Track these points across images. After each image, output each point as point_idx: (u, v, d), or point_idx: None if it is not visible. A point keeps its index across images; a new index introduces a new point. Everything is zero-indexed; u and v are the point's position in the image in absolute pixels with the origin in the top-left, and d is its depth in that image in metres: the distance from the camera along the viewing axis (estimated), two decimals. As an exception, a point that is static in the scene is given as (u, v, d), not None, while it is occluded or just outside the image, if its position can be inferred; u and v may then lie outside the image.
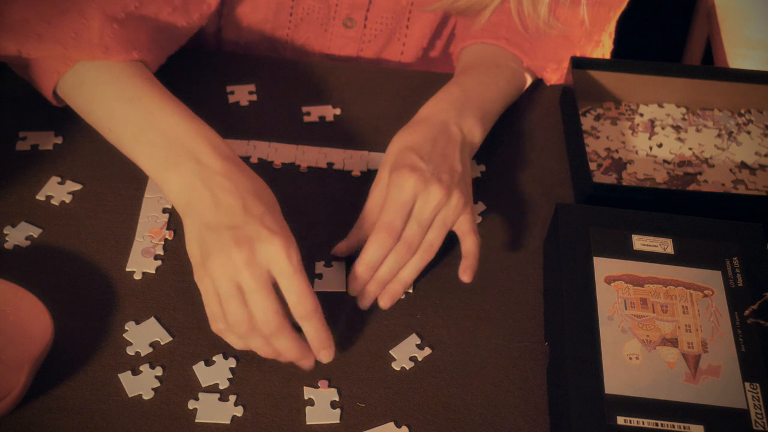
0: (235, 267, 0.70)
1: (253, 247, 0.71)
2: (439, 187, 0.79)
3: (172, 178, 0.76)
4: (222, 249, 0.71)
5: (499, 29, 0.97)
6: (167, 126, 0.78)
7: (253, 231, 0.72)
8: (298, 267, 0.72)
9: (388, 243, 0.79)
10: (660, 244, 0.79)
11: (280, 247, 0.71)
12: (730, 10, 1.53)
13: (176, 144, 0.77)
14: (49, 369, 0.72)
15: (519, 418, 0.74)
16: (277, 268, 0.71)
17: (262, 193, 0.76)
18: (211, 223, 0.73)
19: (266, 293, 0.71)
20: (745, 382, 0.70)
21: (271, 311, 0.71)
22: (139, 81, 0.81)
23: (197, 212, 0.74)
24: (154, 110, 0.79)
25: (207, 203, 0.74)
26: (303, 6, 1.03)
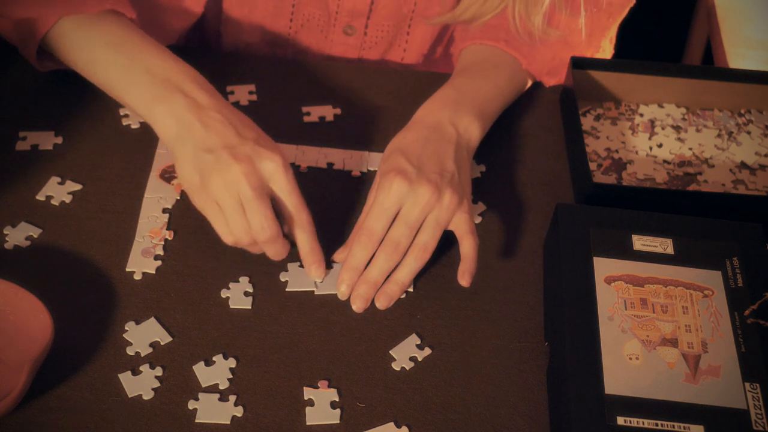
0: (236, 180, 0.75)
1: (253, 163, 0.76)
2: (428, 188, 0.79)
3: (162, 111, 0.79)
4: (221, 166, 0.75)
5: (498, 32, 0.97)
6: (152, 65, 0.81)
7: (250, 150, 0.76)
8: (295, 183, 0.78)
9: (370, 246, 0.80)
10: (660, 244, 0.79)
11: (279, 163, 0.76)
12: (730, 10, 1.53)
13: (163, 80, 0.80)
14: (49, 369, 0.72)
15: (519, 418, 0.74)
16: (277, 183, 0.77)
17: (252, 124, 0.80)
18: (207, 145, 0.76)
19: (263, 202, 0.76)
20: (745, 382, 0.70)
21: (268, 218, 0.76)
22: (119, 28, 0.84)
23: (189, 140, 0.77)
24: (137, 52, 0.82)
25: (199, 131, 0.77)
26: (303, 13, 1.03)
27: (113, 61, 0.82)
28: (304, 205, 0.79)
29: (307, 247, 0.79)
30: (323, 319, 0.79)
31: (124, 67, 0.81)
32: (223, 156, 0.76)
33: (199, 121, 0.78)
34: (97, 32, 0.83)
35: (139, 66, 0.81)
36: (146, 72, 0.80)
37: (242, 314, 0.78)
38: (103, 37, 0.83)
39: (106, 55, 0.83)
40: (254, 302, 0.79)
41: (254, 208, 0.76)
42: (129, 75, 0.81)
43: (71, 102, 0.88)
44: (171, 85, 0.79)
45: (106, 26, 0.84)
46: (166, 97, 0.79)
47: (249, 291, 0.80)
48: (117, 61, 0.82)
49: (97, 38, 0.83)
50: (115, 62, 0.82)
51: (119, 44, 0.82)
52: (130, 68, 0.81)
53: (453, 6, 0.98)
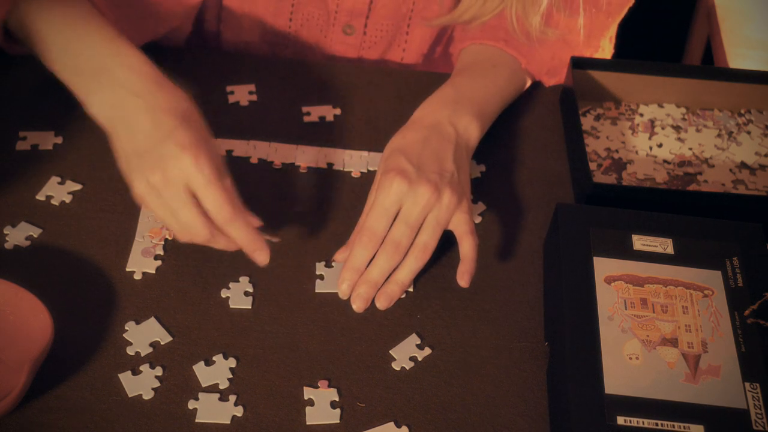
0: (157, 188, 0.75)
1: (165, 167, 0.74)
2: (427, 187, 0.79)
3: (95, 102, 0.79)
4: (140, 174, 0.75)
5: (497, 31, 0.97)
6: (90, 49, 0.80)
7: (164, 150, 0.75)
8: (211, 177, 0.74)
9: (371, 246, 0.79)
10: (660, 244, 0.79)
11: (189, 161, 0.74)
12: (730, 10, 1.53)
13: (97, 67, 0.79)
14: (49, 369, 0.72)
15: (519, 418, 0.74)
16: (192, 182, 0.74)
17: (177, 106, 0.78)
18: (130, 147, 0.77)
19: (187, 208, 0.75)
20: (745, 382, 0.70)
21: (195, 224, 0.75)
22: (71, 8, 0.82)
23: (117, 136, 0.78)
24: (80, 34, 0.81)
25: (123, 128, 0.77)
26: (302, 12, 1.03)
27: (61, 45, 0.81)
28: (224, 196, 0.75)
29: (241, 238, 0.77)
30: (323, 319, 0.79)
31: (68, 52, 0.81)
32: (144, 161, 0.75)
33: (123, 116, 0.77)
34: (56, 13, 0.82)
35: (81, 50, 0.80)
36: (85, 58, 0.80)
37: (242, 314, 0.78)
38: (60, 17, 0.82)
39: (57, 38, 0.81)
40: (254, 302, 0.79)
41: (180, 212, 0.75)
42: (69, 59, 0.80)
43: (71, 102, 0.88)
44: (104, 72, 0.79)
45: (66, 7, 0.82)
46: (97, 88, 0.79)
47: (249, 291, 0.80)
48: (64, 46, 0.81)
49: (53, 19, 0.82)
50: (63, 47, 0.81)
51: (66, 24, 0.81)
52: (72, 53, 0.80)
53: (452, 5, 0.98)
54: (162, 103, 0.77)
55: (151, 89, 0.78)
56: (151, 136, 0.76)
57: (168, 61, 0.94)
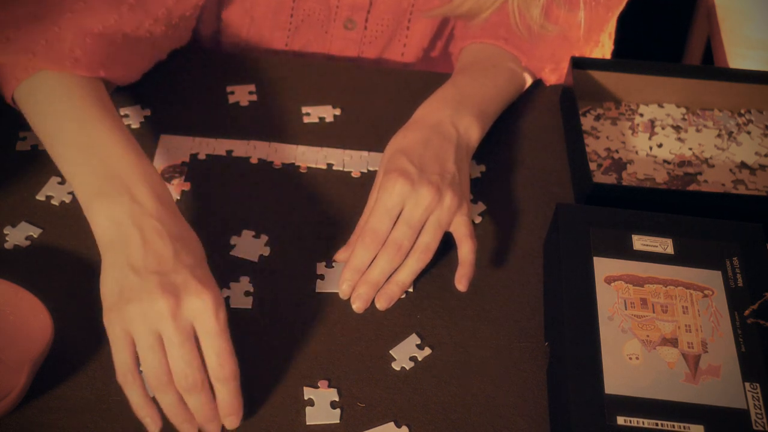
0: (159, 316, 0.66)
1: (180, 298, 0.67)
2: (429, 189, 0.79)
3: (102, 210, 0.71)
4: (145, 295, 0.66)
5: (498, 29, 0.97)
6: (109, 155, 0.74)
7: (181, 280, 0.68)
8: (224, 327, 0.68)
9: (373, 247, 0.79)
10: (660, 244, 0.79)
11: (209, 303, 0.67)
12: (730, 10, 1.52)
13: (113, 176, 0.72)
14: (49, 369, 0.72)
15: (519, 418, 0.74)
16: (203, 326, 0.67)
17: (193, 244, 0.72)
18: (137, 265, 0.68)
19: (190, 346, 0.67)
20: (745, 382, 0.70)
21: (194, 366, 0.67)
22: (92, 102, 0.78)
23: (122, 251, 0.69)
24: (99, 136, 0.75)
25: (135, 243, 0.69)
26: (303, 8, 1.03)
27: (72, 140, 0.76)
28: (231, 353, 0.68)
29: (227, 399, 0.69)
30: (323, 319, 0.79)
31: (80, 149, 0.75)
32: (150, 283, 0.67)
33: (138, 231, 0.69)
34: (68, 102, 0.78)
35: (95, 152, 0.74)
36: (100, 161, 0.73)
37: (242, 314, 0.78)
38: (71, 110, 0.77)
39: (68, 131, 0.76)
40: (254, 302, 0.79)
41: (178, 352, 0.66)
42: (82, 159, 0.74)
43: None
44: (120, 183, 0.72)
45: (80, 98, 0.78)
46: (111, 195, 0.71)
47: (249, 291, 0.80)
48: (75, 141, 0.75)
49: (65, 109, 0.78)
50: (73, 141, 0.76)
51: (85, 122, 0.76)
52: (85, 152, 0.75)
53: None
54: (182, 236, 0.71)
55: (170, 216, 0.72)
56: (167, 263, 0.68)
57: (168, 62, 0.95)
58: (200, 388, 0.67)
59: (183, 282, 0.67)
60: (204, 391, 0.68)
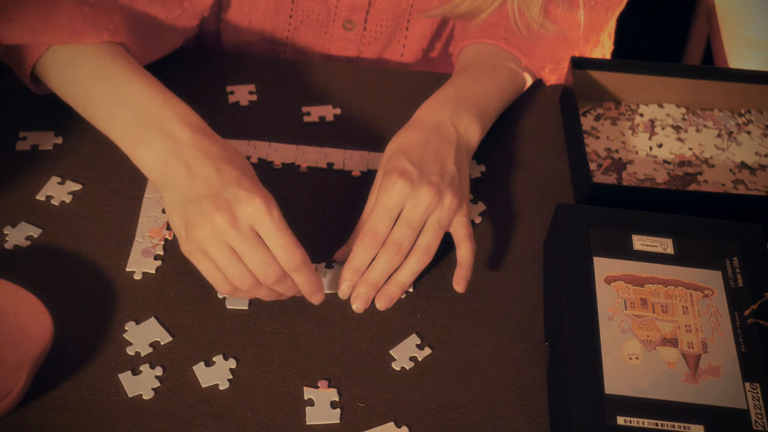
0: (221, 231, 0.72)
1: (233, 210, 0.73)
2: (429, 189, 0.79)
3: (146, 154, 0.77)
4: (204, 217, 0.73)
5: (497, 29, 0.97)
6: (138, 101, 0.79)
7: (230, 194, 0.73)
8: (281, 223, 0.74)
9: (372, 247, 0.79)
10: (660, 244, 0.79)
11: (260, 205, 0.73)
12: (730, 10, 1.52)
13: (147, 119, 0.78)
14: (49, 369, 0.72)
15: (519, 418, 0.74)
16: (261, 226, 0.73)
17: (234, 158, 0.77)
18: (189, 194, 0.74)
19: (258, 247, 0.73)
20: (745, 382, 0.70)
21: (268, 263, 0.73)
22: (111, 59, 0.82)
23: (174, 185, 0.75)
24: (125, 87, 0.80)
25: (182, 176, 0.75)
26: (302, 8, 1.03)
27: (100, 96, 0.80)
28: (294, 242, 0.74)
29: (305, 284, 0.76)
30: (323, 319, 0.79)
31: (110, 102, 0.80)
32: (205, 205, 0.73)
33: (183, 163, 0.75)
34: (88, 65, 0.82)
35: (124, 102, 0.79)
36: (131, 109, 0.78)
37: (242, 314, 0.78)
38: (93, 71, 0.81)
39: (94, 90, 0.81)
40: (251, 303, 0.79)
41: (250, 253, 0.73)
42: (114, 111, 0.79)
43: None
44: (154, 124, 0.77)
45: (98, 59, 0.82)
46: (149, 139, 0.77)
47: (249, 291, 0.80)
48: (104, 97, 0.80)
49: (86, 72, 0.81)
50: (101, 98, 0.80)
51: (108, 78, 0.81)
52: (115, 104, 0.79)
53: None
54: (221, 154, 0.76)
55: (206, 142, 0.77)
56: (214, 183, 0.74)
57: (168, 62, 0.95)
58: (282, 278, 0.75)
59: (232, 195, 0.73)
60: (287, 280, 0.75)
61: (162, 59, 0.95)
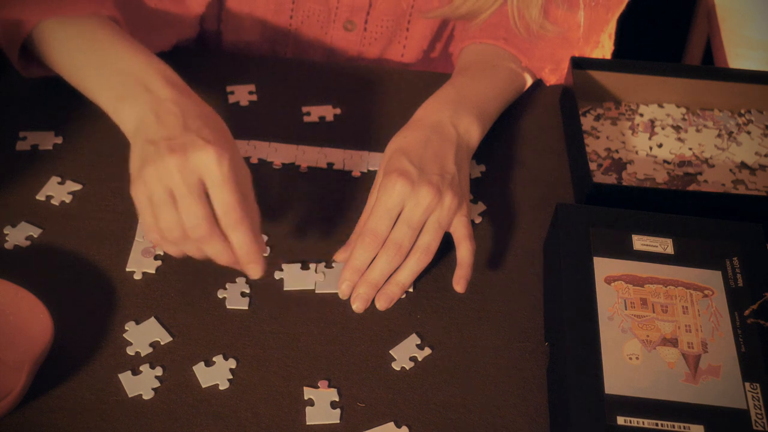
0: (168, 172, 0.72)
1: (186, 154, 0.72)
2: (429, 189, 0.79)
3: (126, 109, 0.77)
4: (157, 157, 0.72)
5: (497, 30, 0.97)
6: (120, 62, 0.80)
7: (188, 140, 0.73)
8: (229, 177, 0.72)
9: (373, 247, 0.79)
10: (660, 244, 0.79)
11: (212, 155, 0.72)
12: (730, 10, 1.52)
13: (129, 78, 0.78)
14: (49, 369, 0.72)
15: (519, 418, 0.74)
16: (208, 176, 0.72)
17: (207, 115, 0.77)
18: (152, 137, 0.74)
19: (196, 198, 0.72)
20: (745, 382, 0.70)
21: (200, 217, 0.72)
22: (98, 27, 0.83)
23: (142, 132, 0.75)
24: (109, 51, 0.81)
25: (152, 124, 0.75)
26: (303, 8, 1.03)
27: (86, 61, 0.82)
28: (236, 200, 0.73)
29: (239, 245, 0.74)
30: (323, 319, 0.79)
31: (96, 67, 0.81)
32: (161, 147, 0.73)
33: (155, 115, 0.75)
34: (76, 34, 0.83)
35: (108, 64, 0.80)
36: (117, 72, 0.79)
37: (242, 314, 0.78)
38: (80, 39, 0.83)
39: (80, 56, 0.82)
40: (251, 303, 0.79)
41: (186, 203, 0.72)
42: (100, 75, 0.80)
43: (71, 102, 0.88)
44: (138, 83, 0.78)
45: (85, 27, 0.83)
46: (131, 96, 0.77)
47: (246, 291, 0.80)
48: (90, 61, 0.81)
49: (74, 40, 0.83)
50: (88, 62, 0.81)
51: (93, 42, 0.82)
52: (101, 68, 0.80)
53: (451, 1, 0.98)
54: (195, 110, 0.76)
55: (185, 99, 0.77)
56: (177, 130, 0.74)
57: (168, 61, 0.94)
58: (209, 237, 0.72)
59: (190, 141, 0.73)
60: (216, 241, 0.73)
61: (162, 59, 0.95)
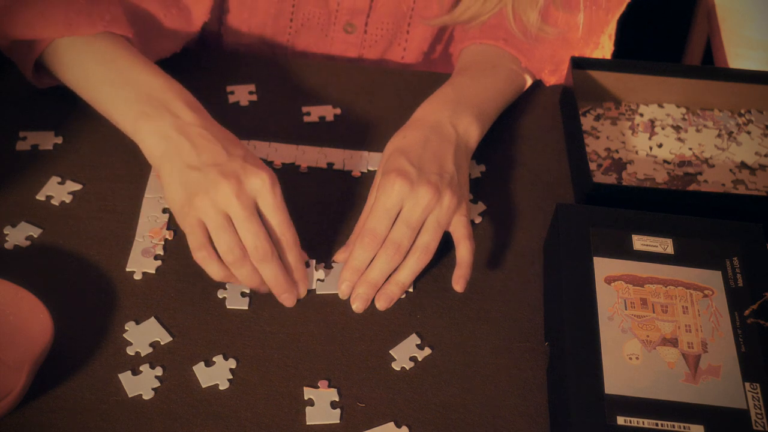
0: (225, 198, 0.74)
1: (240, 180, 0.75)
2: (428, 189, 0.79)
3: (149, 129, 0.78)
4: (210, 184, 0.74)
5: (497, 30, 0.97)
6: (140, 82, 0.81)
7: (238, 167, 0.75)
8: (281, 202, 0.76)
9: (372, 247, 0.79)
10: (660, 244, 0.79)
11: (266, 180, 0.75)
12: (730, 10, 1.52)
13: (150, 98, 0.79)
14: (49, 369, 0.72)
15: (519, 418, 0.74)
16: (263, 201, 0.76)
17: (237, 142, 0.80)
18: (194, 163, 0.76)
19: (256, 220, 0.75)
20: (745, 382, 0.70)
21: (262, 237, 0.75)
22: (112, 46, 0.84)
23: (177, 157, 0.76)
24: (127, 68, 0.82)
25: (187, 148, 0.76)
26: (303, 11, 1.03)
27: (102, 78, 0.82)
28: (290, 224, 0.77)
29: (294, 265, 0.78)
30: (323, 319, 0.79)
31: (113, 83, 0.81)
32: (211, 173, 0.75)
33: (187, 139, 0.77)
34: (90, 51, 0.83)
35: (127, 83, 0.81)
36: (134, 89, 0.80)
37: (242, 314, 0.78)
38: (94, 55, 0.83)
39: (97, 72, 0.83)
40: (251, 303, 0.79)
41: (247, 226, 0.75)
42: (117, 91, 0.81)
43: (71, 102, 0.88)
44: (158, 102, 0.79)
45: (100, 45, 0.84)
46: (153, 115, 0.78)
47: (246, 291, 0.80)
48: (106, 78, 0.82)
49: (89, 56, 0.83)
50: (104, 79, 0.82)
51: (110, 61, 0.83)
52: (118, 85, 0.81)
53: (451, 3, 0.98)
54: (226, 136, 0.79)
55: (209, 123, 0.79)
56: (222, 156, 0.76)
57: (168, 61, 0.95)
58: (270, 256, 0.76)
59: (240, 167, 0.75)
60: (275, 260, 0.76)
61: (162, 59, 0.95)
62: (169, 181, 0.77)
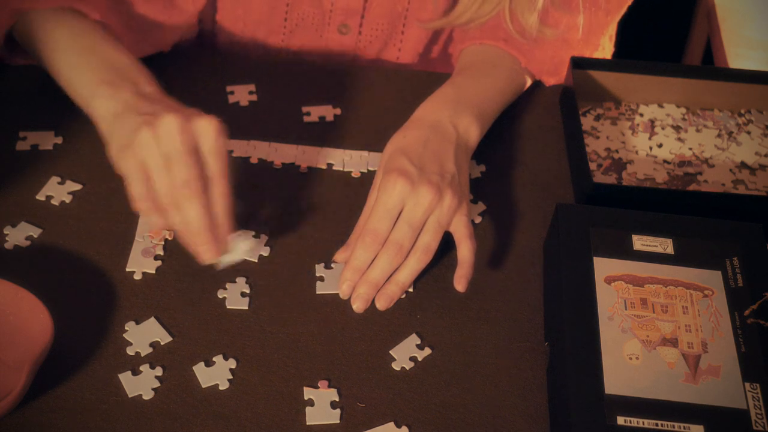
0: (168, 131, 0.72)
1: (189, 117, 0.74)
2: (429, 189, 0.79)
3: (109, 93, 0.77)
4: (155, 119, 0.73)
5: (497, 31, 0.97)
6: (107, 55, 0.81)
7: (189, 112, 0.75)
8: (224, 149, 0.75)
9: (373, 247, 0.79)
10: (660, 244, 0.79)
11: (214, 124, 0.74)
12: (730, 10, 1.53)
13: (115, 68, 0.80)
14: (49, 369, 0.72)
15: (519, 418, 0.74)
16: (206, 142, 0.74)
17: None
18: (143, 110, 0.75)
19: (193, 158, 0.73)
20: (745, 382, 0.70)
21: (193, 175, 0.72)
22: (85, 24, 0.84)
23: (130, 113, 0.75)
24: (96, 42, 0.82)
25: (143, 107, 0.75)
26: (297, 12, 1.03)
27: (70, 46, 0.82)
28: (226, 174, 0.75)
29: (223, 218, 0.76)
30: (323, 319, 0.79)
31: (80, 53, 0.82)
32: (157, 106, 0.74)
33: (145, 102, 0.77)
34: (62, 24, 0.84)
35: (93, 53, 0.81)
36: (101, 59, 0.81)
37: (242, 314, 0.78)
38: (65, 29, 0.83)
39: (66, 41, 0.83)
40: (251, 303, 0.79)
41: (183, 161, 0.72)
42: (82, 59, 0.81)
43: (71, 102, 0.88)
44: (122, 74, 0.79)
45: (73, 22, 0.84)
46: (115, 83, 0.78)
47: (246, 291, 0.80)
48: (74, 46, 0.82)
49: (59, 29, 0.83)
50: (72, 47, 0.82)
51: (79, 35, 0.83)
52: (85, 54, 0.81)
53: (446, 5, 0.98)
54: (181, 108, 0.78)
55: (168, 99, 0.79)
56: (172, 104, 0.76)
57: (168, 61, 0.95)
58: (197, 197, 0.73)
59: (189, 111, 0.75)
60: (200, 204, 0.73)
61: (162, 59, 0.95)
62: (110, 132, 0.76)
